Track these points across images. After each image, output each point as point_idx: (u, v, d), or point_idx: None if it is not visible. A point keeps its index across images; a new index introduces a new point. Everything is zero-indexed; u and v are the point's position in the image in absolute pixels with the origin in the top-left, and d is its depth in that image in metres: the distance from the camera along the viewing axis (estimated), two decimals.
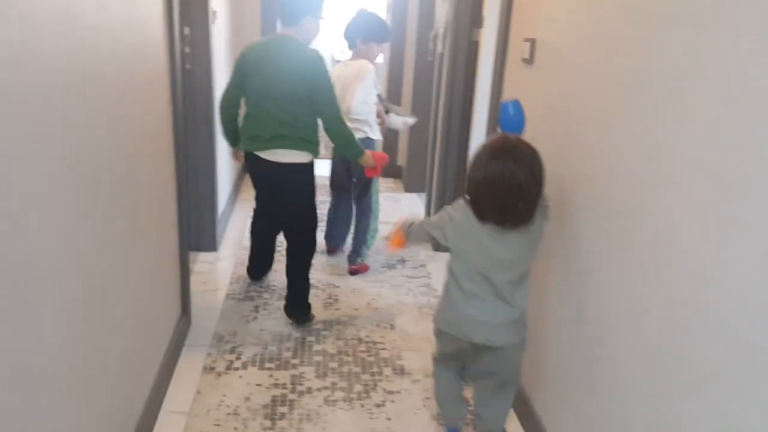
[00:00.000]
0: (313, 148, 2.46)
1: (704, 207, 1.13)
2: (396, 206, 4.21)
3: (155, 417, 1.94)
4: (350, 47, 3.06)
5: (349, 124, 2.61)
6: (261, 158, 2.42)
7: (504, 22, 2.35)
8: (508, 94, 2.34)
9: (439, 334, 1.81)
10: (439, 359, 1.89)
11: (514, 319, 1.65)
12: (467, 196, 1.64)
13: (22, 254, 1.02)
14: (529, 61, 2.10)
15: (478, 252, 1.63)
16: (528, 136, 1.78)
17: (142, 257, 1.83)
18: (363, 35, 2.99)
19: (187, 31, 2.84)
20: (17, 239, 1.00)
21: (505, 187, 1.53)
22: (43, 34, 1.07)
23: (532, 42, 2.07)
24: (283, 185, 2.49)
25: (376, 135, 3.02)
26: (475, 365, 1.80)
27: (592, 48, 1.64)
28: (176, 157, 2.26)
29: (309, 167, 2.48)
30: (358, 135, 2.74)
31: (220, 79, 3.45)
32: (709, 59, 1.13)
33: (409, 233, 1.87)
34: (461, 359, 1.83)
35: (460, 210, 1.67)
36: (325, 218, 3.25)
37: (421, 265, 3.29)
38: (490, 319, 1.65)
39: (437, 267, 3.25)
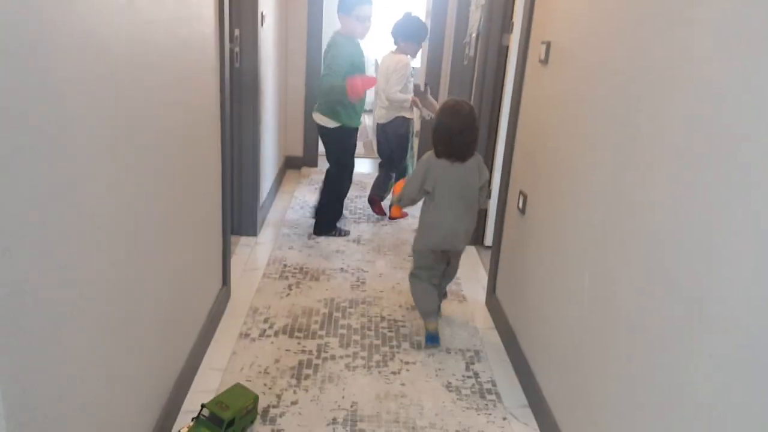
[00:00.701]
0: (337, 118, 3.37)
1: (671, 190, 1.30)
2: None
3: (195, 371, 2.19)
4: (395, 43, 3.77)
5: (388, 106, 3.73)
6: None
7: (526, 26, 2.53)
8: (526, 92, 2.51)
9: (421, 254, 2.52)
10: (416, 274, 2.57)
11: (469, 229, 2.47)
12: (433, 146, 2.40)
13: (92, 215, 1.27)
14: (544, 61, 2.28)
15: (450, 182, 2.37)
16: (539, 126, 1.95)
17: (189, 232, 2.08)
18: (404, 34, 3.67)
19: (237, 32, 3.11)
20: (86, 201, 1.25)
21: (456, 131, 2.32)
22: (109, 25, 1.32)
23: (548, 44, 2.25)
24: (322, 139, 3.56)
25: (410, 115, 3.83)
26: (442, 267, 2.60)
27: (594, 49, 1.81)
28: (222, 146, 2.52)
29: (336, 131, 3.42)
30: (395, 114, 3.77)
31: (267, 77, 3.73)
32: (692, 59, 1.30)
33: (401, 202, 2.54)
34: (433, 269, 2.54)
35: (426, 160, 2.41)
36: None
37: None
38: (462, 230, 2.44)
39: (462, 258, 3.43)
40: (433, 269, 2.55)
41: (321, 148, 5.21)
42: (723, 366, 1.09)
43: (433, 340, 2.48)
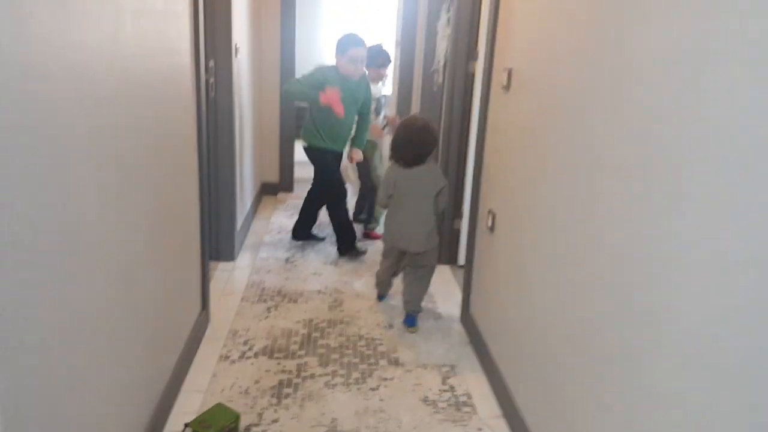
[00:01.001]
0: (304, 138, 3.73)
1: (620, 207, 1.42)
2: None
3: (177, 393, 2.23)
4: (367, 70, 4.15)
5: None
6: None
7: (488, 54, 2.67)
8: (491, 117, 2.64)
9: (384, 248, 3.04)
10: (384, 255, 3.07)
11: (425, 232, 2.76)
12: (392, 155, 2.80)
13: (80, 240, 1.33)
14: (506, 87, 2.41)
15: (406, 186, 2.74)
16: (503, 149, 2.07)
17: (169, 258, 2.14)
18: (368, 62, 3.97)
19: (212, 63, 3.21)
20: (74, 225, 1.32)
21: (412, 142, 2.71)
22: (96, 58, 1.40)
23: (509, 71, 2.38)
24: None
25: (377, 136, 4.24)
26: (407, 260, 2.96)
27: (549, 75, 1.94)
28: (200, 173, 2.59)
29: (306, 151, 3.75)
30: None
31: (242, 106, 3.82)
32: (632, 84, 1.43)
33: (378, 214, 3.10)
34: (391, 262, 3.02)
35: (389, 168, 2.84)
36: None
37: None
38: (417, 231, 2.76)
39: (436, 277, 3.53)
40: (392, 263, 3.02)
41: (296, 173, 5.32)
42: (674, 366, 1.20)
43: (381, 298, 3.16)
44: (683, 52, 1.20)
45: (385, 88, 4.15)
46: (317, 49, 7.70)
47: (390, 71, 4.34)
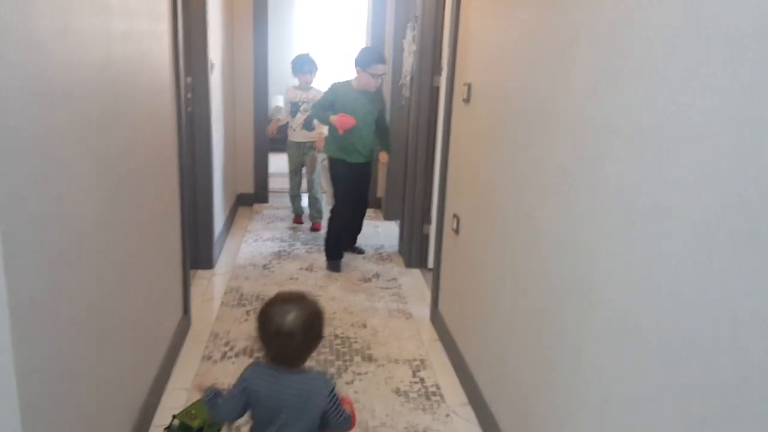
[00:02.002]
0: (326, 150, 3.93)
1: (562, 206, 1.62)
2: (376, 232, 4.68)
3: (162, 391, 2.36)
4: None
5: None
6: None
7: (450, 70, 2.88)
8: (454, 128, 2.84)
9: None
10: None
11: None
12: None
13: (76, 244, 1.48)
14: (467, 100, 2.62)
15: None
16: (465, 158, 2.26)
17: (154, 265, 2.28)
18: (297, 69, 4.56)
19: (189, 79, 3.36)
20: (74, 232, 1.46)
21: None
22: (87, 78, 1.56)
23: (468, 86, 2.59)
24: None
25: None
26: None
27: (504, 90, 2.15)
28: (180, 184, 2.73)
29: (329, 161, 3.92)
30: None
31: (218, 120, 3.97)
32: (572, 96, 1.64)
33: None
34: None
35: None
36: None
37: (393, 278, 3.75)
38: None
39: (407, 281, 3.71)
40: None
41: (271, 185, 5.47)
42: (608, 341, 1.39)
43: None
44: (613, 77, 1.41)
45: (310, 93, 4.51)
46: (288, 63, 7.85)
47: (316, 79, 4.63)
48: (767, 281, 0.91)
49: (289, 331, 1.48)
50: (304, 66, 4.50)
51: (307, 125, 4.57)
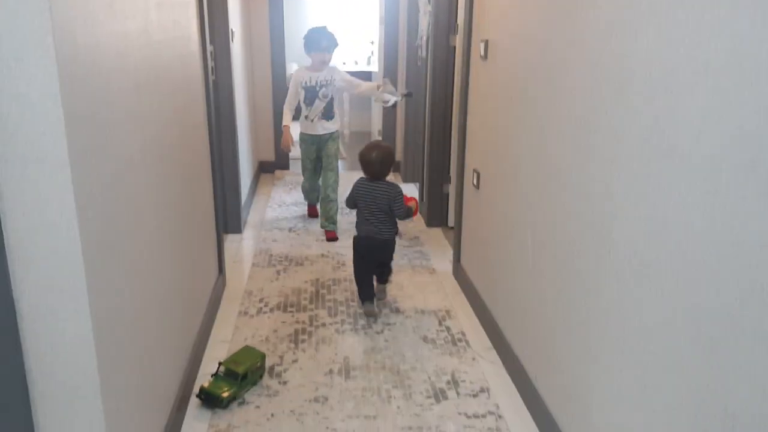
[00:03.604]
0: None
1: (580, 154, 1.71)
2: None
3: (205, 344, 2.52)
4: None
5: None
6: None
7: (467, 27, 2.93)
8: (471, 85, 2.91)
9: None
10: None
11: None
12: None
13: (133, 212, 1.61)
14: (484, 57, 2.68)
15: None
16: (484, 114, 2.34)
17: (193, 227, 2.41)
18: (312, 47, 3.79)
19: (211, 48, 3.44)
20: (124, 189, 1.59)
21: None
22: (133, 45, 1.66)
23: (486, 42, 2.65)
24: None
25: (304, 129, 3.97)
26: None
27: (521, 44, 2.22)
28: (211, 151, 2.85)
29: None
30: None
31: (239, 88, 4.07)
32: (590, 50, 1.71)
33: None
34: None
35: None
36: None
37: (415, 237, 3.87)
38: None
39: (428, 239, 3.83)
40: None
41: (293, 153, 5.58)
42: (624, 277, 1.50)
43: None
44: (626, 25, 1.48)
45: (331, 74, 3.80)
46: (306, 27, 7.89)
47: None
48: (765, 204, 1.00)
49: (373, 161, 2.88)
50: (321, 41, 3.69)
51: (327, 114, 3.83)
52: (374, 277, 2.95)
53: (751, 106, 1.04)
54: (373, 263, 2.94)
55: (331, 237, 3.82)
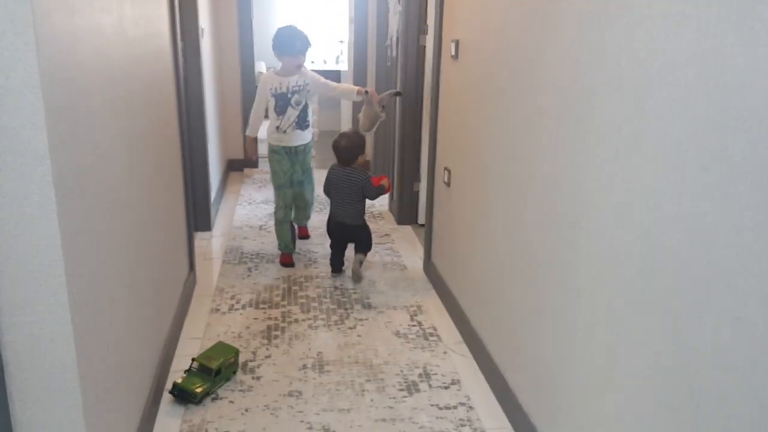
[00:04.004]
0: None
1: (551, 146, 1.77)
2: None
3: (177, 340, 2.51)
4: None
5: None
6: None
7: (438, 27, 2.99)
8: (443, 84, 2.97)
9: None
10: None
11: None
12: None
13: (109, 199, 1.60)
14: (455, 57, 2.74)
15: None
16: (455, 112, 2.39)
17: (164, 224, 2.40)
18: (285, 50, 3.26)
19: (181, 45, 3.42)
20: (101, 178, 1.58)
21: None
22: (110, 43, 1.66)
23: (456, 42, 2.70)
24: None
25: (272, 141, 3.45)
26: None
27: (491, 43, 2.28)
28: (182, 149, 2.84)
29: None
30: None
31: (209, 87, 4.04)
32: (557, 47, 1.77)
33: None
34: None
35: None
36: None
37: (386, 234, 3.90)
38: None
39: (399, 237, 3.87)
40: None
41: (261, 150, 5.56)
42: (593, 264, 1.56)
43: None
44: (596, 21, 1.54)
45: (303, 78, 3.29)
46: (274, 25, 7.87)
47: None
48: (730, 189, 1.07)
49: (343, 148, 3.19)
50: (294, 43, 3.20)
51: (302, 122, 3.31)
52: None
53: (714, 98, 1.11)
54: (343, 243, 3.32)
55: (304, 234, 3.80)
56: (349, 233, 3.27)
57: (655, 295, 1.29)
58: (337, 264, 3.29)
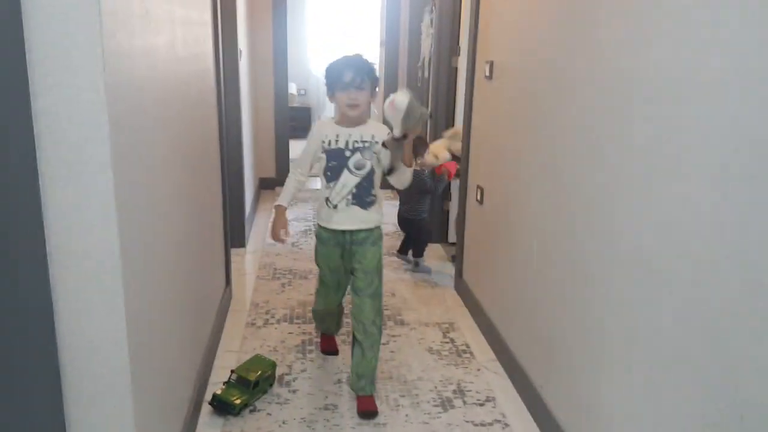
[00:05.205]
0: None
1: (585, 166, 1.79)
2: (394, 212, 4.86)
3: (215, 352, 2.56)
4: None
5: None
6: None
7: (472, 48, 3.04)
8: (476, 104, 3.01)
9: None
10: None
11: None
12: None
13: (158, 217, 1.66)
14: (489, 77, 2.78)
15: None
16: (489, 131, 2.43)
17: (204, 238, 2.46)
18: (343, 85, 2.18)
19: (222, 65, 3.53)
20: (152, 194, 1.65)
21: None
22: (161, 58, 1.73)
23: (491, 63, 2.75)
24: None
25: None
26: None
27: (527, 64, 2.31)
28: (221, 167, 2.92)
29: None
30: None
31: (245, 107, 4.15)
32: (593, 69, 1.81)
33: None
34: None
35: None
36: None
37: None
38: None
39: (430, 254, 3.90)
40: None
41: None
42: (632, 281, 1.57)
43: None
44: (633, 42, 1.57)
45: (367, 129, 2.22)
46: (305, 49, 8.10)
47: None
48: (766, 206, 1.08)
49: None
50: (356, 76, 2.11)
51: (363, 195, 2.21)
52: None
53: (753, 116, 1.12)
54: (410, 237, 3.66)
55: (371, 409, 2.22)
56: (413, 227, 3.60)
57: (697, 310, 1.29)
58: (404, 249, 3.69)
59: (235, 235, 3.85)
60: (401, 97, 1.97)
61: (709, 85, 1.25)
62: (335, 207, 2.23)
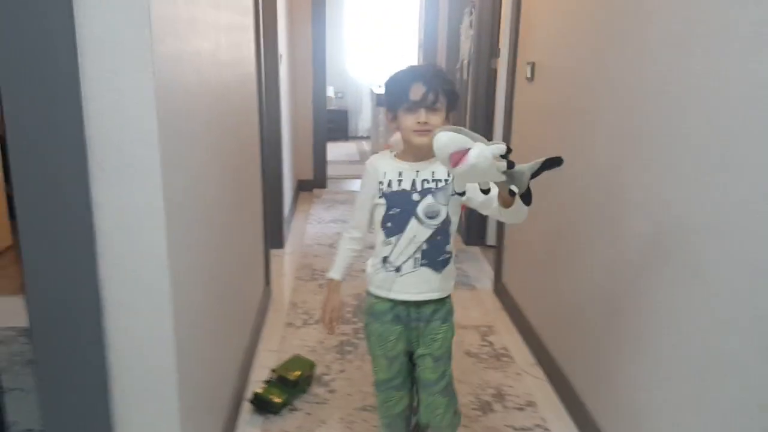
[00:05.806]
0: None
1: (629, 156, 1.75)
2: None
3: (254, 352, 2.59)
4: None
5: None
6: None
7: (512, 50, 3.01)
8: (516, 105, 2.98)
9: None
10: None
11: None
12: None
13: (203, 220, 1.70)
14: (530, 79, 2.75)
15: None
16: (529, 134, 2.40)
17: (245, 238, 2.50)
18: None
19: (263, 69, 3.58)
20: (198, 200, 1.68)
21: None
22: (206, 62, 1.77)
23: (532, 64, 2.72)
24: None
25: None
26: None
27: (569, 65, 2.28)
28: (262, 169, 2.96)
29: None
30: None
31: (284, 109, 4.20)
32: (635, 68, 1.77)
33: None
34: None
35: None
36: None
37: (455, 255, 3.91)
38: None
39: (467, 257, 3.88)
40: None
41: (330, 171, 5.69)
42: (677, 284, 1.53)
43: None
44: (683, 40, 1.54)
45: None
46: (343, 49, 8.17)
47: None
48: None
49: None
50: (435, 90, 1.56)
51: (435, 253, 1.71)
52: None
53: None
54: None
55: None
56: None
57: (748, 319, 1.25)
58: None
59: (274, 236, 3.90)
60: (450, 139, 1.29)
61: (759, 89, 1.21)
62: (398, 270, 1.68)
